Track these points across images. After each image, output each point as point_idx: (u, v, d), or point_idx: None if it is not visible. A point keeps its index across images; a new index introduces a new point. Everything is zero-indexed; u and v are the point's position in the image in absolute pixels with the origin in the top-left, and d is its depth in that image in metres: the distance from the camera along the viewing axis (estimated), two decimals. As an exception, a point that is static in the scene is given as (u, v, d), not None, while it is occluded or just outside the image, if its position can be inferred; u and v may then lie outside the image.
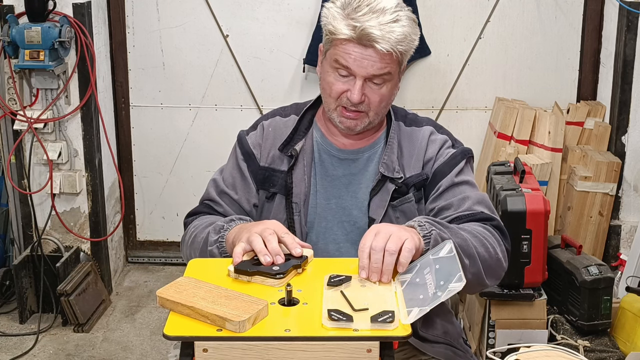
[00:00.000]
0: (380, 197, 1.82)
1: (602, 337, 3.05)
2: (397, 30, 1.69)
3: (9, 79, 3.38)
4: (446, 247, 1.52)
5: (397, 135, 1.86)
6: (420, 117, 1.93)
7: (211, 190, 1.93)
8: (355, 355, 1.31)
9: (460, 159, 1.85)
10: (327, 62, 1.79)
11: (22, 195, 3.54)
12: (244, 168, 1.89)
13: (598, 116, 3.69)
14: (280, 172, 1.86)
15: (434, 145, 1.85)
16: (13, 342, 3.35)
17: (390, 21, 1.69)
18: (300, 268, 1.52)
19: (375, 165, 1.86)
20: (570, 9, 3.74)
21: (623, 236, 3.60)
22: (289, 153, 1.85)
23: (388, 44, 1.69)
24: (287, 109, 1.96)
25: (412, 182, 1.83)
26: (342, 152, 1.87)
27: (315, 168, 1.87)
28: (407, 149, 1.85)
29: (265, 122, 1.92)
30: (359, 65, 1.72)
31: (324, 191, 1.86)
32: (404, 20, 1.72)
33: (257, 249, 1.54)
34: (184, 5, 3.77)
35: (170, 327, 1.34)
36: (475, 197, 1.80)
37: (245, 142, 1.91)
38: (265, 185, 1.87)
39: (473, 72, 3.82)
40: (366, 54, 1.71)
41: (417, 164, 1.84)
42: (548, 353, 1.55)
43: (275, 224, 1.63)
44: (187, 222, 1.92)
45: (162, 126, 3.92)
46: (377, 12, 1.69)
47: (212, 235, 1.73)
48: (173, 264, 4.04)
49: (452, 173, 1.82)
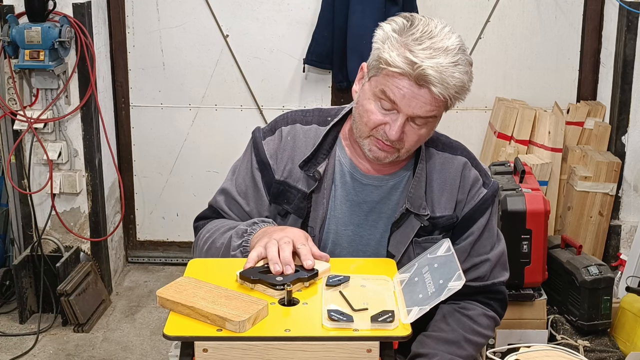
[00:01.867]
0: (403, 232, 1.72)
1: (602, 337, 3.05)
2: (457, 77, 1.57)
3: (9, 79, 3.38)
4: (444, 245, 1.52)
5: (426, 166, 1.75)
6: (455, 143, 1.82)
7: (220, 199, 1.83)
8: (355, 355, 1.31)
9: (491, 202, 1.77)
10: (370, 88, 1.63)
11: (22, 195, 3.54)
12: (258, 178, 1.78)
13: (598, 116, 3.69)
14: (297, 191, 1.74)
15: (466, 182, 1.76)
16: (13, 342, 3.35)
17: (451, 64, 1.56)
18: (307, 282, 1.47)
19: (399, 195, 1.75)
20: (570, 9, 3.75)
21: (623, 236, 3.60)
22: (311, 173, 1.73)
23: (445, 90, 1.56)
24: (309, 115, 1.81)
25: (442, 224, 1.74)
26: (366, 177, 1.75)
27: (336, 190, 1.76)
28: (437, 182, 1.75)
29: (285, 129, 1.78)
30: (407, 104, 1.58)
31: (342, 216, 1.76)
32: (463, 66, 1.59)
33: (269, 256, 1.49)
34: (184, 5, 3.77)
35: (170, 327, 1.34)
36: (494, 258, 1.79)
37: (261, 148, 1.78)
38: (278, 200, 1.76)
39: (473, 72, 3.80)
40: (419, 93, 1.57)
41: (449, 204, 1.74)
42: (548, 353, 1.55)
43: (295, 233, 1.56)
44: (197, 226, 1.84)
45: (162, 126, 3.92)
46: (438, 50, 1.55)
47: (235, 240, 1.65)
48: (173, 264, 4.04)
49: (481, 220, 1.76)
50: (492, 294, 1.82)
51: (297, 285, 1.45)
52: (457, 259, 1.46)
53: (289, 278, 1.46)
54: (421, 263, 1.51)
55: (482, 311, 1.79)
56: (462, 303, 1.78)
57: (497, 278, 1.82)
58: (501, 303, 1.83)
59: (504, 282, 1.83)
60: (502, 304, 1.84)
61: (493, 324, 1.82)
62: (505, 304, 1.86)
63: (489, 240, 1.79)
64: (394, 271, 1.55)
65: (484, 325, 1.78)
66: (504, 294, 1.84)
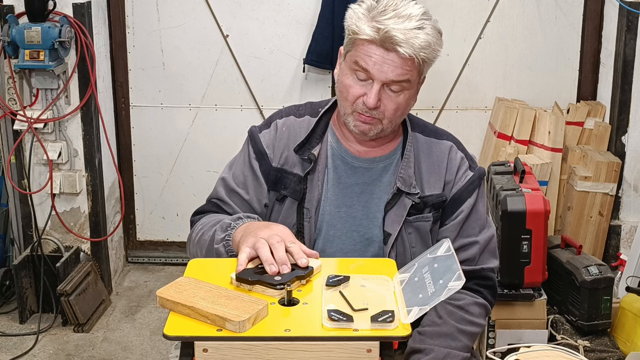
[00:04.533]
0: (396, 211, 1.79)
1: (602, 337, 3.05)
2: (422, 37, 1.66)
3: (9, 79, 3.38)
4: (444, 245, 1.52)
5: (415, 148, 1.83)
6: (441, 130, 1.90)
7: (220, 190, 1.88)
8: (355, 355, 1.31)
9: (478, 184, 1.84)
10: (346, 64, 1.75)
11: (22, 195, 3.54)
12: (256, 167, 1.84)
13: (598, 116, 3.69)
14: (293, 175, 1.82)
15: (452, 164, 1.83)
16: (13, 342, 3.35)
17: (415, 27, 1.66)
18: (305, 279, 1.48)
19: (389, 177, 1.82)
20: (570, 9, 3.75)
21: (623, 236, 3.60)
22: (306, 156, 1.81)
23: (411, 49, 1.65)
24: (302, 108, 1.91)
25: (431, 201, 1.81)
26: (356, 159, 1.83)
27: (328, 174, 1.83)
28: (425, 164, 1.82)
29: (280, 121, 1.88)
30: (379, 69, 1.68)
31: (335, 198, 1.82)
32: (429, 29, 1.68)
33: (263, 258, 1.50)
34: (184, 5, 3.77)
35: (170, 327, 1.34)
36: (482, 242, 1.84)
37: (258, 140, 1.86)
38: (276, 187, 1.83)
39: (473, 72, 3.82)
40: (387, 57, 1.67)
41: (437, 184, 1.82)
42: (548, 353, 1.55)
43: (283, 231, 1.58)
44: (193, 220, 1.88)
45: (162, 126, 3.92)
46: (402, 17, 1.66)
47: (219, 234, 1.69)
48: (173, 264, 4.04)
49: (469, 200, 1.82)
50: (482, 280, 1.85)
51: (295, 284, 1.46)
52: (457, 259, 1.46)
53: (286, 277, 1.46)
54: (421, 263, 1.51)
55: (472, 300, 1.82)
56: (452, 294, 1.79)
57: (486, 264, 1.86)
58: (491, 290, 1.87)
59: (493, 269, 1.88)
60: (492, 292, 1.87)
61: (485, 311, 1.84)
62: (495, 292, 1.89)
63: (477, 222, 1.85)
64: (394, 271, 1.55)
65: (475, 314, 1.81)
66: (494, 281, 1.87)
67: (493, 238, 1.88)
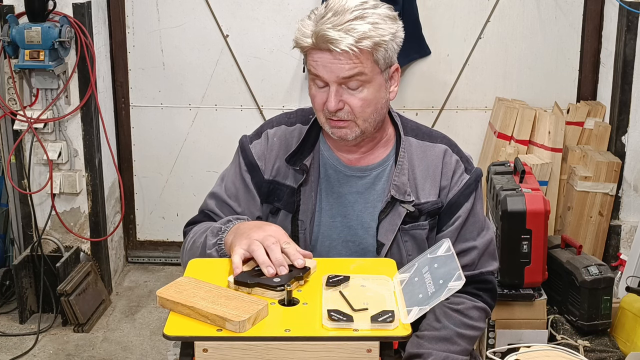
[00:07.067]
0: (390, 220, 1.76)
1: (602, 337, 3.05)
2: (357, 28, 1.61)
3: (9, 79, 3.38)
4: (444, 245, 1.52)
5: (408, 153, 1.79)
6: (435, 132, 1.86)
7: (210, 202, 1.85)
8: (355, 355, 1.31)
9: (474, 187, 1.81)
10: (309, 77, 1.73)
11: (22, 195, 3.54)
12: (247, 180, 1.81)
13: (598, 116, 3.69)
14: (286, 187, 1.79)
15: (447, 169, 1.79)
16: (13, 342, 3.35)
17: (353, 19, 1.61)
18: (303, 280, 1.48)
19: (383, 185, 1.79)
20: (570, 9, 3.74)
21: (623, 236, 3.60)
22: (297, 167, 1.78)
23: (343, 43, 1.60)
24: (292, 116, 1.87)
25: (427, 209, 1.77)
26: (349, 168, 1.80)
27: (321, 184, 1.80)
28: (419, 170, 1.78)
29: (270, 131, 1.84)
30: (328, 71, 1.65)
31: (329, 208, 1.79)
32: (371, 17, 1.63)
33: (259, 260, 1.48)
34: (184, 5, 3.77)
35: (170, 327, 1.34)
36: (481, 246, 1.81)
37: (249, 151, 1.83)
38: (269, 199, 1.81)
39: (473, 72, 3.82)
40: (330, 58, 1.64)
41: (433, 190, 1.78)
42: (548, 353, 1.55)
43: (276, 231, 1.56)
44: (186, 231, 1.86)
45: (162, 126, 3.92)
46: (338, 14, 1.62)
47: (210, 239, 1.67)
48: (173, 264, 4.04)
49: (466, 205, 1.79)
50: (481, 284, 1.82)
51: (294, 285, 1.46)
52: (457, 259, 1.46)
53: (285, 278, 1.46)
54: (421, 263, 1.51)
55: (471, 304, 1.80)
56: (451, 298, 1.76)
57: (485, 267, 1.83)
58: (490, 293, 1.84)
59: (492, 272, 1.85)
60: (492, 294, 1.85)
61: (484, 315, 1.83)
62: (495, 294, 1.86)
63: (476, 225, 1.82)
64: (394, 271, 1.54)
65: (475, 317, 1.79)
66: (493, 284, 1.85)
67: (492, 240, 1.86)
